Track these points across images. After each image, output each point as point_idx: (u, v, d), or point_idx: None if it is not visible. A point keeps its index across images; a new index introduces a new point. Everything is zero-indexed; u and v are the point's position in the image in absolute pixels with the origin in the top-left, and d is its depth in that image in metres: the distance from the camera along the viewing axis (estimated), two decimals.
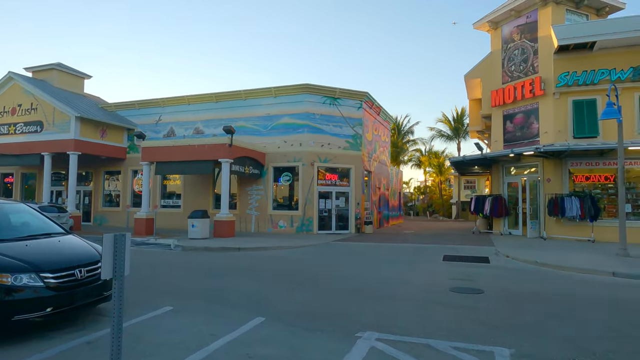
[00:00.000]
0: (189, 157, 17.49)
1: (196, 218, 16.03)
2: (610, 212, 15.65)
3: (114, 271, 2.82)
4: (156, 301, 6.36)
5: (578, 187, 16.14)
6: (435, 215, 47.14)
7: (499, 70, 19.01)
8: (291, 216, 19.38)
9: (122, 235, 2.88)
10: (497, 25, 19.19)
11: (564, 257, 11.52)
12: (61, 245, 5.59)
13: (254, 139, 19.98)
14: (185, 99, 22.06)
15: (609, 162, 15.68)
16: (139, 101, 23.35)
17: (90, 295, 5.19)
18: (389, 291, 7.55)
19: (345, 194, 20.00)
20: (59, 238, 5.83)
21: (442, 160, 45.48)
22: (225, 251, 13.17)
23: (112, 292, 2.88)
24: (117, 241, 2.84)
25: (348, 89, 20.09)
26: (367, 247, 14.64)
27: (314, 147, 19.45)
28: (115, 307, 2.97)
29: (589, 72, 15.69)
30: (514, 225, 18.22)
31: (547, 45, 16.78)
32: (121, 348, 3.04)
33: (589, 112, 15.86)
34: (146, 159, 18.35)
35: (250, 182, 20.13)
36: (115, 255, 2.82)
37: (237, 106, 20.94)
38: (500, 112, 18.77)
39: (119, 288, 2.83)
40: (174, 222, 21.17)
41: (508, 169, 18.59)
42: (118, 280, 2.84)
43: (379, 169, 24.65)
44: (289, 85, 19.89)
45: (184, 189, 21.77)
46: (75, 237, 6.02)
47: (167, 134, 22.34)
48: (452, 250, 13.37)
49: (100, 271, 5.40)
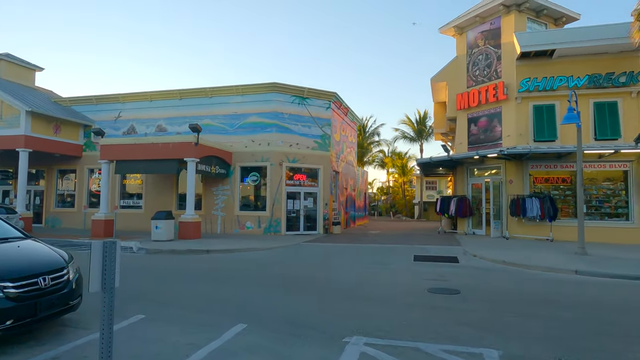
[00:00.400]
0: (152, 155, 16.74)
1: (160, 219, 15.37)
2: (567, 212, 16.44)
3: (102, 283, 2.51)
4: (126, 309, 5.94)
5: (537, 188, 16.84)
6: (398, 215, 48.00)
7: (464, 74, 19.53)
8: (258, 217, 19.02)
9: (112, 242, 2.58)
10: (462, 31, 19.72)
11: (527, 256, 11.92)
12: (21, 251, 5.09)
13: (220, 138, 19.45)
14: (148, 95, 21.16)
15: (566, 164, 16.47)
16: (97, 96, 22.16)
17: (55, 305, 4.74)
18: (368, 293, 7.48)
19: (314, 195, 19.87)
20: (17, 243, 5.32)
21: (405, 162, 46.36)
22: (193, 254, 12.68)
23: (101, 308, 2.55)
24: (107, 249, 2.54)
25: (316, 89, 19.98)
26: (338, 248, 14.57)
27: (282, 146, 19.18)
28: (104, 324, 2.64)
29: (549, 79, 16.41)
30: (478, 225, 18.78)
31: (509, 52, 17.41)
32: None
33: (548, 117, 16.59)
34: (105, 158, 17.41)
35: (217, 182, 19.58)
36: (105, 265, 2.51)
37: (202, 104, 20.31)
38: (465, 115, 19.29)
39: (109, 303, 2.53)
40: (135, 224, 20.24)
41: (472, 171, 19.13)
42: (108, 294, 2.53)
43: (346, 170, 24.71)
44: (257, 83, 19.51)
45: (145, 189, 20.86)
46: (36, 242, 5.51)
47: (128, 131, 21.34)
48: (421, 251, 13.53)
49: (66, 279, 5.03)
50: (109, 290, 2.56)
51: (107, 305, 2.56)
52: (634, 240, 15.30)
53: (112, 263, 2.58)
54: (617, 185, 16.13)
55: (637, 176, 15.57)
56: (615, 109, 15.91)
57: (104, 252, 2.55)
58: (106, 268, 2.55)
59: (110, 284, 2.57)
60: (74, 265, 5.38)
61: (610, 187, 16.19)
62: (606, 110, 15.97)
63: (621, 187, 16.02)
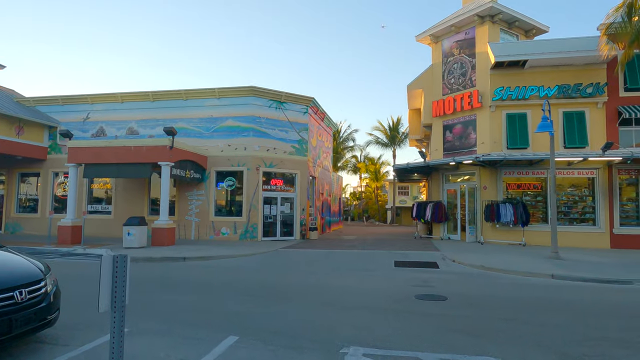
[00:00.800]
0: (124, 159, 16.09)
1: (133, 225, 14.77)
2: (538, 217, 16.96)
3: (112, 302, 2.27)
4: (107, 322, 5.57)
5: (510, 194, 17.30)
6: (371, 220, 48.35)
7: (440, 82, 19.90)
8: (234, 222, 18.63)
9: (123, 256, 2.34)
10: (438, 39, 20.11)
11: (504, 260, 12.17)
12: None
13: (195, 142, 18.97)
14: (118, 96, 20.41)
15: (536, 171, 17.01)
16: (64, 96, 21.18)
17: (32, 321, 4.37)
18: (357, 300, 7.38)
19: (291, 200, 19.68)
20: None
21: (378, 167, 46.80)
22: (170, 261, 12.22)
23: (111, 329, 2.30)
24: (118, 264, 2.30)
25: (294, 94, 19.85)
26: (317, 254, 14.42)
27: (259, 151, 18.92)
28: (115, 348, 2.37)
29: (521, 88, 16.93)
30: (453, 230, 19.09)
31: (484, 61, 17.87)
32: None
33: (521, 125, 17.10)
34: (73, 161, 16.62)
35: (191, 186, 19.07)
36: (115, 281, 2.28)
37: (176, 106, 19.78)
38: (441, 122, 19.63)
39: (119, 324, 2.28)
40: (104, 230, 19.46)
41: (447, 177, 19.46)
42: (118, 314, 2.28)
43: (323, 175, 24.65)
44: (234, 87, 19.19)
45: (115, 194, 20.06)
46: (9, 252, 5.10)
47: (97, 133, 20.50)
48: (401, 256, 13.58)
49: (44, 291, 4.67)
50: (119, 309, 2.32)
51: (118, 326, 2.32)
52: (601, 245, 15.96)
53: (123, 279, 2.35)
54: (584, 192, 16.78)
55: (603, 183, 16.25)
56: (583, 118, 16.58)
57: (114, 267, 2.31)
58: (117, 284, 2.32)
59: (120, 303, 2.33)
60: (52, 277, 5.02)
61: (578, 194, 16.83)
62: (574, 120, 16.62)
63: (588, 194, 16.68)
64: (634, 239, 15.85)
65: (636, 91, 16.25)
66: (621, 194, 16.27)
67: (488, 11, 17.66)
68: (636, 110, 15.77)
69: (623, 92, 16.34)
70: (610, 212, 16.11)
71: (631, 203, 16.30)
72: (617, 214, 16.07)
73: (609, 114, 16.35)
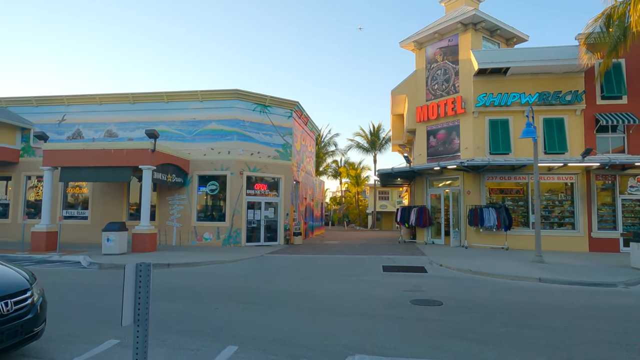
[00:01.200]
0: (103, 162, 15.54)
1: (113, 231, 14.26)
2: (519, 222, 17.26)
3: (135, 314, 2.05)
4: (97, 333, 5.29)
5: (493, 199, 17.56)
6: (351, 225, 48.42)
7: (423, 88, 20.10)
8: (217, 227, 18.26)
9: (146, 265, 2.13)
10: (421, 46, 20.33)
11: (490, 264, 12.28)
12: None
13: (177, 145, 18.55)
14: (96, 97, 19.77)
15: (518, 176, 17.34)
16: (38, 97, 20.37)
17: (18, 333, 4.07)
18: (353, 306, 7.25)
19: (275, 205, 19.45)
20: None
21: (359, 172, 46.97)
22: (154, 268, 11.75)
23: (134, 346, 2.07)
24: (141, 274, 2.09)
25: (278, 98, 19.67)
26: (304, 259, 14.25)
27: (243, 155, 18.63)
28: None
29: (503, 95, 17.26)
30: (437, 235, 19.23)
31: (467, 68, 18.15)
32: None
33: (503, 131, 17.41)
34: (49, 164, 15.95)
35: (172, 191, 18.60)
36: (139, 292, 2.07)
37: (158, 109, 19.30)
38: (425, 128, 19.81)
39: (143, 340, 2.06)
40: (80, 236, 18.76)
41: (431, 182, 19.62)
42: (142, 328, 2.06)
43: (306, 179, 24.51)
44: (217, 89, 18.87)
45: (92, 198, 19.37)
46: None
47: (73, 135, 19.79)
48: (388, 261, 13.55)
49: (31, 302, 4.36)
50: (142, 322, 2.11)
51: (141, 342, 2.10)
52: (580, 248, 16.35)
53: (147, 290, 2.14)
54: (563, 197, 17.19)
55: (581, 188, 16.68)
56: (562, 125, 17.01)
57: (137, 277, 2.10)
58: (141, 295, 2.11)
59: (144, 316, 2.12)
60: (38, 286, 4.71)
61: (558, 198, 17.22)
62: (554, 126, 17.03)
63: (568, 199, 17.09)
64: (610, 243, 16.31)
65: (612, 99, 16.80)
66: (598, 199, 16.73)
67: (471, 19, 17.97)
68: (612, 117, 16.29)
69: (600, 100, 16.86)
70: (588, 217, 16.54)
71: (607, 208, 16.77)
72: (595, 218, 16.51)
73: (587, 121, 16.83)
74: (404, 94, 21.61)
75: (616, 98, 16.75)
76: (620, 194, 16.51)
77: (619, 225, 16.41)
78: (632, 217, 16.48)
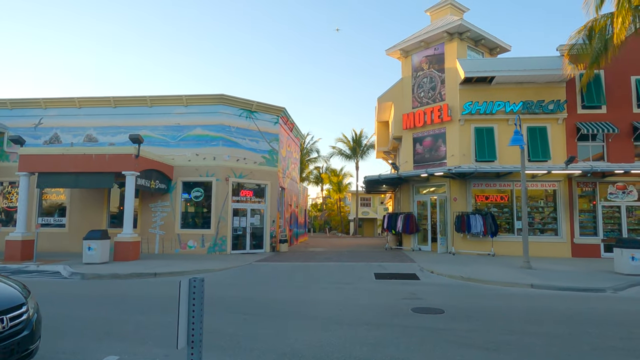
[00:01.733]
0: (83, 168, 14.97)
1: (94, 239, 13.70)
2: (504, 228, 17.51)
3: (189, 336, 1.83)
4: (94, 348, 4.97)
5: (478, 205, 17.76)
6: (333, 232, 48.29)
7: (410, 95, 20.27)
8: (202, 235, 17.82)
9: (200, 280, 1.92)
10: (407, 54, 20.53)
11: (480, 271, 12.35)
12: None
13: (160, 150, 18.06)
14: (75, 101, 19.12)
15: (503, 183, 17.61)
16: (12, 100, 19.55)
17: (15, 352, 3.75)
18: (355, 316, 7.10)
19: (261, 212, 19.15)
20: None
21: (341, 178, 46.99)
22: (139, 277, 11.37)
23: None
24: (196, 289, 1.87)
25: (265, 103, 19.46)
26: (293, 267, 14.01)
27: (229, 161, 18.31)
28: None
29: (489, 103, 17.56)
30: (423, 242, 19.30)
31: (453, 76, 18.40)
32: None
33: (488, 139, 17.69)
34: (25, 169, 15.26)
35: (155, 197, 18.09)
36: (193, 310, 1.85)
37: (141, 113, 18.79)
38: (411, 135, 19.94)
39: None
40: (57, 244, 18.00)
41: (418, 188, 19.72)
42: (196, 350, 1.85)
43: (291, 186, 24.30)
44: (203, 94, 18.53)
45: (70, 205, 18.63)
46: None
47: (51, 140, 19.05)
48: (379, 268, 13.47)
49: (26, 318, 4.03)
50: (197, 344, 1.90)
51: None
52: (563, 254, 16.69)
53: (200, 308, 1.93)
54: (546, 204, 17.55)
55: (564, 195, 17.07)
56: (545, 133, 17.40)
57: (191, 294, 1.88)
58: (195, 314, 1.90)
59: (198, 337, 1.91)
60: (33, 300, 4.38)
61: (541, 205, 17.57)
62: (538, 134, 17.41)
63: (550, 205, 17.45)
64: (592, 248, 16.71)
65: (592, 109, 17.31)
66: (579, 206, 17.14)
67: (457, 29, 18.26)
68: (592, 126, 16.77)
69: (581, 109, 17.35)
70: (571, 223, 16.92)
71: (588, 214, 17.20)
72: (577, 224, 16.90)
73: (569, 130, 17.27)
74: (390, 101, 21.74)
75: (596, 108, 17.27)
76: (600, 201, 16.97)
77: (599, 231, 16.85)
78: (612, 224, 16.95)
